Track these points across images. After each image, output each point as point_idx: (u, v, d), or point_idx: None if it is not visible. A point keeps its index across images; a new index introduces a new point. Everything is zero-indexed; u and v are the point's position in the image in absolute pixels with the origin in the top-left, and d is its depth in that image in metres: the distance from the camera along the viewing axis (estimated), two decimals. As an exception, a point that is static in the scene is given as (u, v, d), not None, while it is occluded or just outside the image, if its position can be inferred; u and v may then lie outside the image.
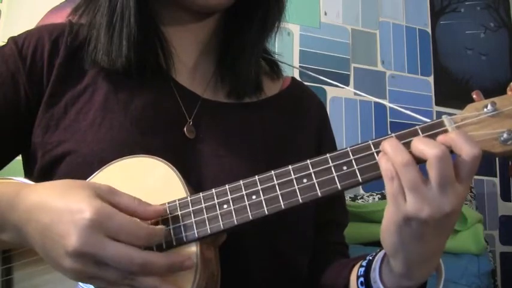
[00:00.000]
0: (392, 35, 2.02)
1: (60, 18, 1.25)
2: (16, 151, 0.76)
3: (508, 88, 0.55)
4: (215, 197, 0.60)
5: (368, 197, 1.60)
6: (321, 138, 0.85)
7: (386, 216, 0.55)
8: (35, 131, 0.72)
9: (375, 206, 1.49)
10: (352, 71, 1.90)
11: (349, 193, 1.61)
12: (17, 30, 0.78)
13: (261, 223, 0.59)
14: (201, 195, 0.60)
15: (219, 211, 0.59)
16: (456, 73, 2.11)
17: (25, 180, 0.66)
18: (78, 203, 0.53)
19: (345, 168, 0.56)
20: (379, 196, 1.60)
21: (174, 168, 0.63)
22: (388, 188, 0.53)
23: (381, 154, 0.54)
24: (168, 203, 0.61)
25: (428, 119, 0.57)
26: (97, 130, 0.70)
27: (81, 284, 0.61)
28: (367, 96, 0.87)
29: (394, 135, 0.55)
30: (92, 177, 0.64)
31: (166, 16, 0.77)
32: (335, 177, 0.57)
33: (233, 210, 0.59)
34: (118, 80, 0.74)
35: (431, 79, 2.05)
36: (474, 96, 0.56)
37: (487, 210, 2.03)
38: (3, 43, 0.76)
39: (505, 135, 0.52)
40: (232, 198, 0.59)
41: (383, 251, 0.62)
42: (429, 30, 2.09)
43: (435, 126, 0.55)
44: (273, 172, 0.59)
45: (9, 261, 0.66)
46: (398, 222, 0.53)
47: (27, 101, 0.72)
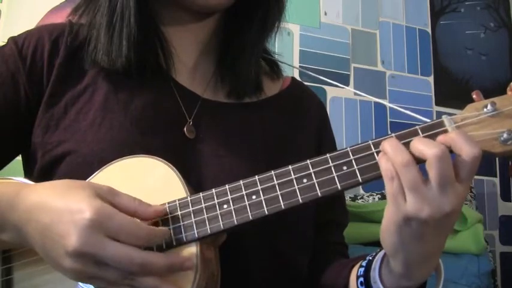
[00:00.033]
0: (392, 35, 2.02)
1: (60, 18, 1.25)
2: (16, 151, 0.76)
3: (508, 88, 0.55)
4: (215, 197, 0.60)
5: (368, 197, 1.60)
6: (321, 138, 0.85)
7: (386, 216, 0.55)
8: (35, 131, 0.72)
9: (375, 206, 1.49)
10: (352, 71, 1.90)
11: (349, 193, 1.61)
12: (17, 30, 0.78)
13: (261, 223, 0.59)
14: (201, 195, 0.60)
15: (219, 211, 0.59)
16: (456, 73, 2.10)
17: (25, 180, 0.66)
18: (78, 203, 0.53)
19: (345, 168, 0.56)
20: (379, 196, 1.60)
21: (174, 168, 0.63)
22: (388, 188, 0.53)
23: (381, 154, 0.54)
24: (168, 203, 0.61)
25: (428, 119, 0.57)
26: (97, 130, 0.70)
27: (81, 284, 0.61)
28: (367, 96, 0.87)
29: (394, 135, 0.55)
30: (92, 177, 0.64)
31: (166, 16, 0.77)
32: (335, 177, 0.57)
33: (233, 210, 0.59)
34: (118, 80, 0.74)
35: (431, 79, 2.05)
36: (474, 96, 0.56)
37: (487, 210, 2.03)
38: (3, 43, 0.76)
39: (505, 135, 0.52)
40: (232, 198, 0.59)
41: (383, 251, 0.62)
42: (429, 30, 2.09)
43: (435, 126, 0.55)
44: (273, 172, 0.59)
45: (9, 261, 0.66)
46: (398, 222, 0.53)
47: (27, 101, 0.72)
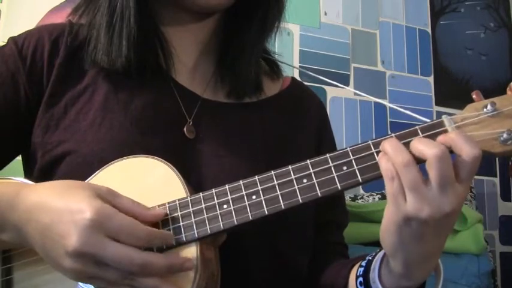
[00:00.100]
0: (392, 35, 2.01)
1: (60, 18, 1.25)
2: (16, 151, 0.76)
3: (507, 88, 0.55)
4: (215, 197, 0.60)
5: (368, 197, 1.60)
6: (320, 138, 0.85)
7: (386, 216, 0.55)
8: (35, 131, 0.72)
9: (375, 206, 1.49)
10: (352, 71, 1.90)
11: (349, 193, 1.61)
12: (17, 30, 0.78)
13: (261, 223, 0.59)
14: (201, 195, 0.60)
15: (219, 211, 0.59)
16: (456, 73, 2.10)
17: (25, 180, 0.66)
18: (78, 203, 0.53)
19: (344, 168, 0.56)
20: (379, 196, 1.60)
21: (174, 168, 0.63)
22: (388, 187, 0.53)
23: (381, 154, 0.54)
24: (168, 203, 0.61)
25: (428, 119, 0.57)
26: (97, 130, 0.70)
27: (81, 284, 0.61)
28: (367, 96, 0.87)
29: (394, 135, 0.55)
30: (92, 177, 0.64)
31: (166, 16, 0.77)
32: (335, 177, 0.57)
33: (233, 210, 0.59)
34: (118, 80, 0.74)
35: (431, 79, 2.05)
36: (474, 96, 0.56)
37: (487, 210, 2.03)
38: (3, 43, 0.76)
39: (505, 135, 0.52)
40: (232, 198, 0.59)
41: (382, 251, 0.62)
42: (429, 30, 2.09)
43: (435, 126, 0.55)
44: (273, 172, 0.59)
45: (9, 261, 0.66)
46: (398, 222, 0.53)
47: (27, 101, 0.72)
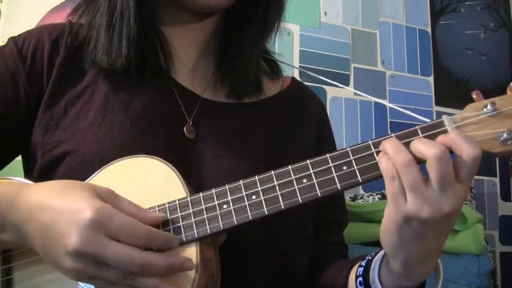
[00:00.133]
0: (392, 35, 2.01)
1: (60, 18, 1.25)
2: (16, 151, 0.76)
3: (507, 88, 0.55)
4: (215, 197, 0.60)
5: (368, 197, 1.60)
6: (320, 138, 0.85)
7: (387, 216, 0.55)
8: (35, 131, 0.72)
9: (375, 206, 1.49)
10: (352, 71, 1.90)
11: (349, 193, 1.61)
12: (17, 30, 0.78)
13: (260, 223, 0.59)
14: (201, 195, 0.60)
15: (218, 211, 0.59)
16: (456, 73, 2.10)
17: (25, 180, 0.66)
18: (79, 203, 0.53)
19: (344, 168, 0.56)
20: (379, 196, 1.60)
21: (174, 168, 0.63)
22: (388, 187, 0.53)
23: (381, 154, 0.54)
24: (168, 203, 0.61)
25: (428, 119, 0.57)
26: (97, 130, 0.70)
27: (81, 283, 0.61)
28: (367, 96, 0.87)
29: (394, 135, 0.55)
30: (92, 177, 0.64)
31: (166, 16, 0.77)
32: (335, 177, 0.57)
33: (233, 210, 0.59)
34: (118, 80, 0.74)
35: (431, 79, 2.05)
36: (474, 96, 0.56)
37: (487, 210, 2.03)
38: (3, 43, 0.76)
39: (505, 135, 0.52)
40: (232, 198, 0.59)
41: (382, 251, 0.62)
42: (429, 30, 2.09)
43: (435, 126, 0.55)
44: (273, 172, 0.59)
45: (9, 261, 0.66)
46: (398, 222, 0.53)
47: (27, 101, 0.72)
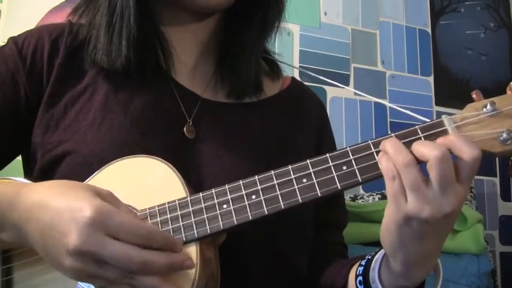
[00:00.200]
0: (392, 35, 2.01)
1: (60, 18, 1.25)
2: (16, 151, 0.76)
3: (507, 88, 0.55)
4: (215, 197, 0.60)
5: (368, 197, 1.60)
6: (320, 138, 0.85)
7: (387, 216, 0.55)
8: (35, 131, 0.72)
9: (375, 206, 1.49)
10: (352, 71, 1.90)
11: (349, 193, 1.61)
12: (17, 30, 0.78)
13: (260, 223, 0.59)
14: (201, 195, 0.61)
15: (218, 211, 0.59)
16: (456, 73, 2.10)
17: (25, 180, 0.66)
18: (78, 202, 0.53)
19: (344, 168, 0.56)
20: (379, 196, 1.60)
21: (174, 168, 0.63)
22: (389, 187, 0.53)
23: (381, 154, 0.54)
24: (168, 202, 0.61)
25: (428, 119, 0.57)
26: (97, 130, 0.70)
27: (81, 283, 0.61)
28: (367, 96, 0.87)
29: (393, 134, 0.55)
30: (92, 177, 0.65)
31: (166, 16, 0.77)
32: (335, 177, 0.57)
33: (233, 210, 0.59)
34: (118, 80, 0.74)
35: (431, 79, 2.05)
36: (474, 96, 0.56)
37: (487, 210, 2.03)
38: (3, 43, 0.76)
39: (505, 135, 0.52)
40: (232, 198, 0.59)
41: (382, 250, 0.62)
42: (429, 30, 2.09)
43: (435, 126, 0.55)
44: (273, 172, 0.59)
45: (9, 261, 0.66)
46: (398, 222, 0.53)
47: (27, 101, 0.72)
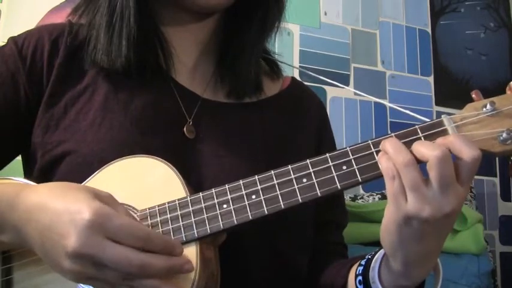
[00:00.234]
0: (392, 35, 2.01)
1: (60, 18, 1.25)
2: (16, 151, 0.76)
3: (507, 88, 0.55)
4: (215, 197, 0.60)
5: (368, 197, 1.60)
6: (320, 138, 0.85)
7: (387, 216, 0.55)
8: (35, 131, 0.72)
9: (375, 206, 1.49)
10: (352, 71, 1.90)
11: (349, 193, 1.61)
12: (17, 30, 0.78)
13: (260, 223, 0.59)
14: (201, 195, 0.60)
15: (218, 211, 0.59)
16: (456, 73, 2.10)
17: (25, 180, 0.66)
18: (77, 204, 0.53)
19: (344, 167, 0.56)
20: (379, 196, 1.60)
21: (174, 168, 0.63)
22: (388, 187, 0.53)
23: (381, 153, 0.54)
24: (168, 202, 0.61)
25: (428, 119, 0.57)
26: (97, 130, 0.70)
27: (81, 284, 0.61)
28: (367, 96, 0.87)
29: (393, 134, 0.55)
30: (92, 177, 0.65)
31: (166, 16, 0.77)
32: (335, 176, 0.57)
33: (233, 210, 0.59)
34: (118, 80, 0.74)
35: (431, 79, 2.05)
36: (473, 95, 0.56)
37: (487, 210, 2.03)
38: (3, 43, 0.76)
39: (504, 135, 0.52)
40: (232, 198, 0.59)
41: (382, 250, 0.62)
42: (429, 30, 2.09)
43: (435, 125, 0.55)
44: (273, 172, 0.59)
45: (9, 261, 0.66)
46: (398, 222, 0.53)
47: (27, 101, 0.72)
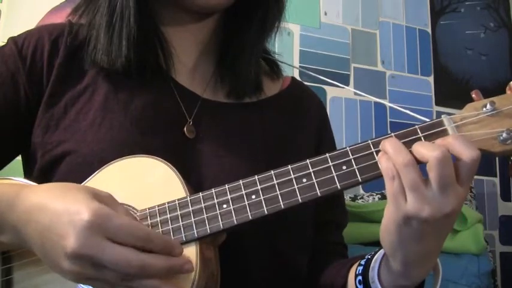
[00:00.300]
0: (392, 35, 2.01)
1: (60, 18, 1.25)
2: (16, 151, 0.76)
3: (507, 87, 0.55)
4: (215, 197, 0.60)
5: (368, 197, 1.60)
6: (320, 138, 0.85)
7: (387, 216, 0.55)
8: (35, 131, 0.72)
9: (375, 206, 1.49)
10: (352, 71, 1.90)
11: (349, 193, 1.61)
12: (17, 30, 0.78)
13: (260, 223, 0.59)
14: (201, 195, 0.60)
15: (218, 211, 0.59)
16: (456, 73, 2.10)
17: (25, 180, 0.66)
18: (76, 204, 0.53)
19: (344, 167, 0.56)
20: (379, 196, 1.60)
21: (174, 168, 0.63)
22: (388, 187, 0.53)
23: (381, 153, 0.54)
24: (168, 202, 0.61)
25: (428, 119, 0.57)
26: (97, 130, 0.70)
27: (80, 284, 0.61)
28: (367, 96, 0.87)
29: (393, 134, 0.55)
30: (92, 177, 0.65)
31: (166, 16, 0.77)
32: (334, 176, 0.57)
33: (233, 210, 0.59)
34: (118, 80, 0.74)
35: (431, 79, 2.05)
36: (473, 95, 0.56)
37: (487, 210, 2.03)
38: (3, 43, 0.76)
39: (504, 135, 0.52)
40: (231, 198, 0.59)
41: (382, 250, 0.62)
42: (429, 30, 2.09)
43: (435, 125, 0.55)
44: (273, 172, 0.59)
45: (9, 261, 0.66)
46: (398, 222, 0.53)
47: (27, 101, 0.72)
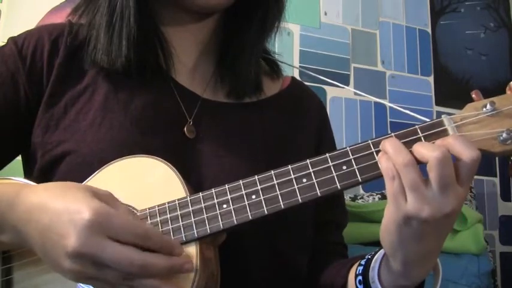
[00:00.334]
0: (392, 35, 2.01)
1: (60, 18, 1.25)
2: (16, 151, 0.76)
3: (507, 88, 0.55)
4: (215, 197, 0.60)
5: (368, 197, 1.60)
6: (320, 138, 0.85)
7: (387, 216, 0.55)
8: (35, 131, 0.72)
9: (375, 206, 1.49)
10: (352, 71, 1.90)
11: (349, 193, 1.61)
12: (17, 30, 0.78)
13: (260, 223, 0.59)
14: (201, 195, 0.61)
15: (218, 211, 0.59)
16: (456, 73, 2.10)
17: (25, 180, 0.66)
18: (76, 203, 0.53)
19: (344, 167, 0.56)
20: (379, 196, 1.60)
21: (174, 168, 0.63)
22: (388, 187, 0.53)
23: (381, 153, 0.54)
24: (168, 202, 0.61)
25: (428, 119, 0.57)
26: (97, 130, 0.70)
27: (81, 284, 0.61)
28: (367, 96, 0.87)
29: (393, 134, 0.55)
30: (92, 177, 0.65)
31: (166, 16, 0.77)
32: (334, 176, 0.57)
33: (233, 210, 0.59)
34: (118, 80, 0.74)
35: (431, 79, 2.05)
36: (473, 95, 0.56)
37: (487, 210, 2.03)
38: (3, 43, 0.76)
39: (504, 135, 0.52)
40: (231, 198, 0.59)
41: (382, 250, 0.62)
42: (429, 30, 2.09)
43: (435, 125, 0.55)
44: (273, 172, 0.59)
45: (9, 261, 0.66)
46: (398, 222, 0.53)
47: (27, 101, 0.72)
